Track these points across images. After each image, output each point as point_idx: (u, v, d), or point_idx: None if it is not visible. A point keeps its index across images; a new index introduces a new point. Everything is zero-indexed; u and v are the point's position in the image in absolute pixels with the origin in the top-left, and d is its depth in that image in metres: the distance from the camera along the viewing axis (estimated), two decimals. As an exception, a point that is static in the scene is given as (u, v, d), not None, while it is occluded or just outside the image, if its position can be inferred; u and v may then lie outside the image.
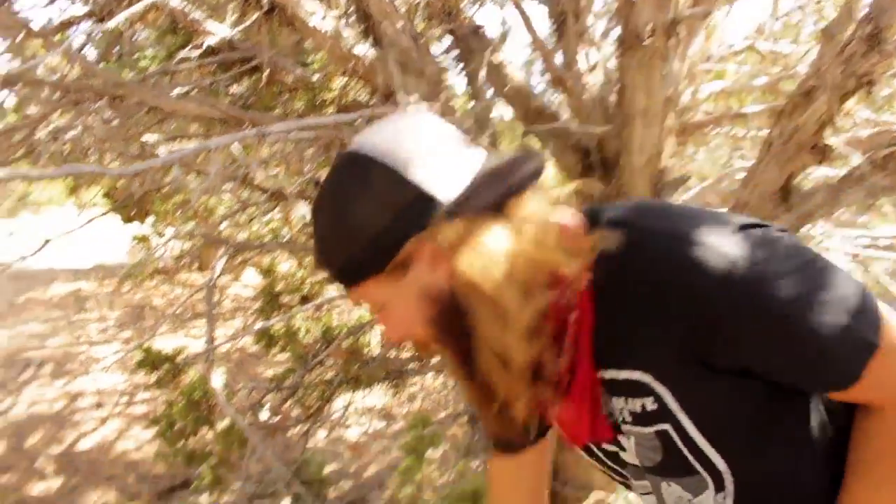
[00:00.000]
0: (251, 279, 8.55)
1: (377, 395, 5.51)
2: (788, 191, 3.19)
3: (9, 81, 2.63)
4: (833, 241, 3.90)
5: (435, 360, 3.80)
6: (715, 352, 0.89)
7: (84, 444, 5.49)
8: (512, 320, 0.92)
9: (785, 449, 0.98)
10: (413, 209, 0.91)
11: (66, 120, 3.78)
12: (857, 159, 2.97)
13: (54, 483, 4.99)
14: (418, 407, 5.05)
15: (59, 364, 6.69)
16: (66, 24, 4.11)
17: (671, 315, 0.88)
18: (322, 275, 0.95)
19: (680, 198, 3.57)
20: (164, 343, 6.78)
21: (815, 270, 0.88)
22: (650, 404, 0.96)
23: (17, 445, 5.40)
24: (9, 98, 4.78)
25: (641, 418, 0.98)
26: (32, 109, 4.12)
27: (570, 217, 0.98)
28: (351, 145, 0.97)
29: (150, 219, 7.25)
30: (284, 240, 3.99)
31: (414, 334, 1.03)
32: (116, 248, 10.01)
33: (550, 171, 0.99)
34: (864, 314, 0.88)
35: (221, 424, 3.78)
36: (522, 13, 3.21)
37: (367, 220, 0.93)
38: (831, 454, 0.99)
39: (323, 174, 4.07)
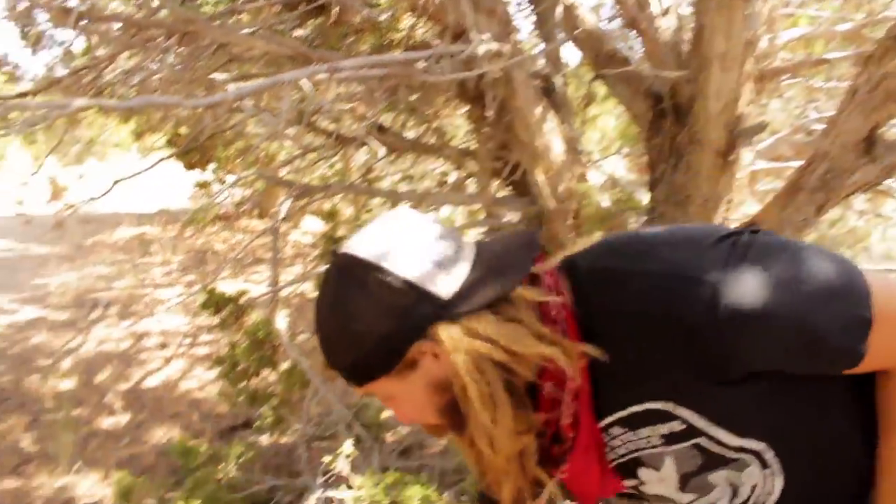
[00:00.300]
0: (311, 226, 8.63)
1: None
2: (873, 141, 3.03)
3: (80, 16, 2.64)
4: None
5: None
6: (727, 370, 0.92)
7: (150, 382, 5.66)
8: (501, 419, 0.98)
9: (819, 415, 1.02)
10: (414, 311, 0.95)
11: (135, 61, 3.80)
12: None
13: (122, 418, 5.16)
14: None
15: (125, 305, 6.88)
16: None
17: (675, 349, 0.92)
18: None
19: (754, 149, 3.43)
20: (226, 287, 6.92)
21: (794, 265, 0.91)
22: (678, 426, 1.00)
23: (88, 381, 5.60)
24: (78, 40, 4.84)
25: (673, 438, 1.01)
26: (101, 52, 4.16)
27: (550, 279, 1.02)
28: (343, 248, 1.00)
29: (212, 165, 7.33)
30: (345, 184, 3.98)
31: (424, 420, 1.08)
32: (179, 194, 10.19)
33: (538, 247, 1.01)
34: (852, 292, 0.91)
35: (284, 366, 3.83)
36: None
37: (371, 327, 0.96)
38: (864, 412, 1.03)
39: (384, 119, 4.07)
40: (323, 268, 3.99)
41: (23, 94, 4.39)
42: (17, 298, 7.08)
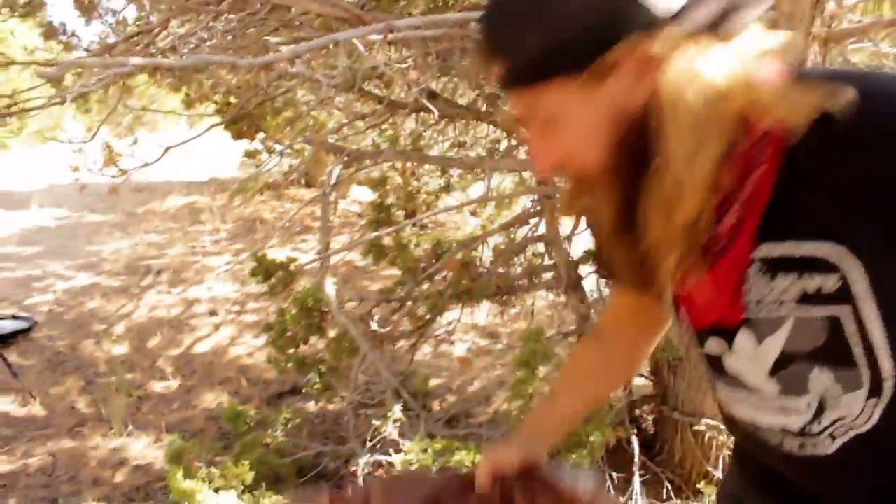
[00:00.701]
0: (358, 195, 8.66)
1: (482, 314, 5.51)
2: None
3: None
4: None
5: (546, 277, 3.73)
6: None
7: (200, 348, 5.75)
8: (703, 155, 0.81)
9: None
10: (628, 11, 0.78)
11: (187, 28, 3.81)
12: None
13: (173, 383, 5.26)
14: (525, 327, 5.03)
15: (175, 272, 6.99)
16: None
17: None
18: (490, 78, 0.84)
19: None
20: (275, 255, 6.98)
21: None
22: (831, 283, 0.84)
23: (140, 346, 5.71)
24: (130, 8, 4.87)
25: (812, 299, 0.87)
26: (153, 19, 4.18)
27: (776, 70, 0.85)
28: None
29: (260, 135, 7.37)
30: (396, 150, 3.95)
31: (571, 161, 0.90)
32: (228, 163, 10.30)
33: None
34: None
35: (332, 333, 3.84)
36: None
37: (578, 10, 0.79)
38: None
39: (435, 85, 4.01)
40: (372, 235, 4.00)
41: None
42: (73, 265, 7.25)
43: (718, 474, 3.35)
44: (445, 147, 4.84)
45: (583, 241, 3.92)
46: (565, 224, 3.75)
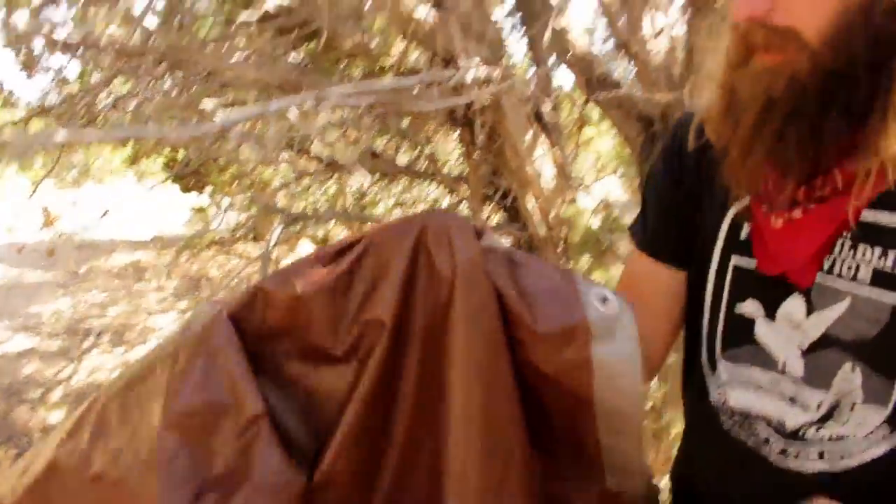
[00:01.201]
0: (307, 250, 8.61)
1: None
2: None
3: (71, 46, 2.64)
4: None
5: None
6: None
7: (143, 411, 5.59)
8: None
9: None
10: None
11: (127, 88, 3.80)
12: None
13: (114, 447, 5.09)
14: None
15: (118, 333, 6.83)
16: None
17: None
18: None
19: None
20: (221, 313, 6.86)
21: None
22: None
23: (79, 410, 5.53)
24: (71, 66, 4.85)
25: (889, 281, 0.82)
26: (94, 78, 4.17)
27: None
28: None
29: (208, 189, 7.33)
30: (339, 210, 3.97)
31: (779, 17, 0.78)
32: (175, 218, 10.18)
33: None
34: None
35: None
36: (587, -24, 3.09)
37: None
38: None
39: (377, 144, 4.07)
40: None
41: (17, 122, 4.39)
42: (10, 326, 7.03)
43: None
44: (389, 204, 4.88)
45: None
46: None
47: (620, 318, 0.86)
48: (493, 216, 3.53)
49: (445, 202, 4.36)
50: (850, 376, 0.86)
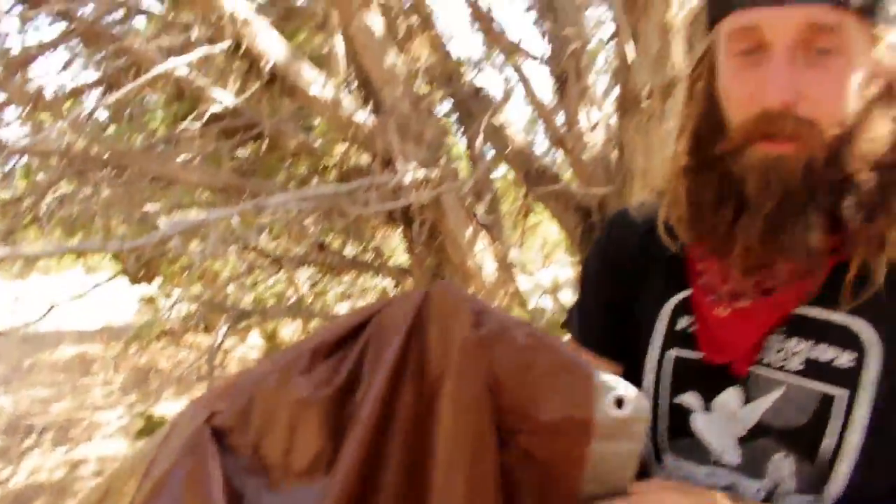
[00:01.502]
0: (257, 340, 8.51)
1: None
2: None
3: (18, 151, 2.67)
4: None
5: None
6: None
7: (85, 513, 5.38)
8: None
9: None
10: None
11: (73, 188, 3.81)
12: None
13: (54, 554, 4.89)
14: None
15: (62, 430, 6.62)
16: (77, 92, 4.20)
17: None
18: None
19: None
20: (169, 407, 6.71)
21: None
22: (845, 360, 0.84)
23: (17, 515, 5.31)
24: (17, 165, 4.84)
25: (817, 371, 0.86)
26: (41, 176, 4.17)
27: None
28: None
29: (157, 280, 7.26)
30: (288, 303, 3.97)
31: (811, 103, 0.80)
32: (124, 309, 10.00)
33: None
34: None
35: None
36: (522, 75, 3.23)
37: None
38: None
39: (322, 240, 4.13)
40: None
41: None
42: (-53, 426, 6.77)
43: None
44: (339, 294, 4.89)
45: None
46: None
47: (631, 423, 0.82)
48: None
49: (393, 293, 4.39)
50: (781, 464, 0.88)
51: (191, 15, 3.68)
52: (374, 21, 2.62)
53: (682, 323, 0.96)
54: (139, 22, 4.41)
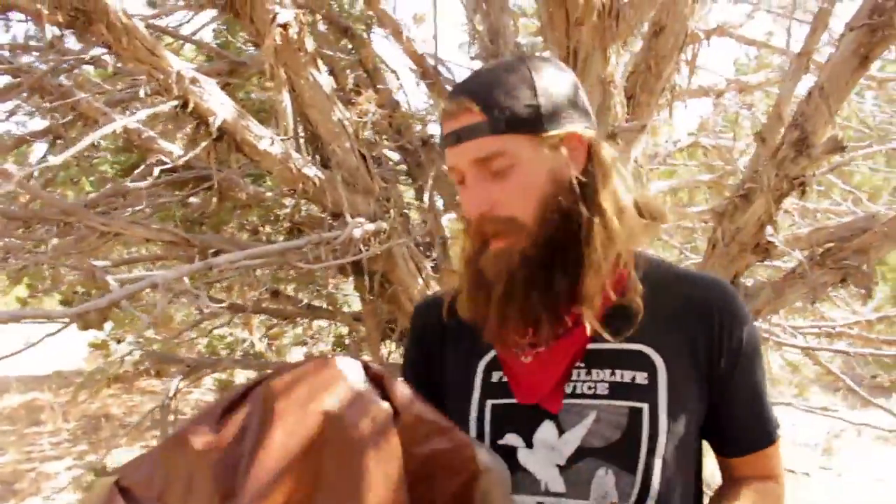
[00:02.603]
0: (212, 385, 8.39)
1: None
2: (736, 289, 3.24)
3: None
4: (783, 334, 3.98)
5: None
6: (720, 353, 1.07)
7: (33, 571, 5.23)
8: (625, 218, 1.05)
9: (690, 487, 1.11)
10: (581, 106, 1.08)
11: (19, 240, 3.76)
12: (798, 256, 3.07)
13: None
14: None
15: (6, 483, 6.42)
16: (22, 141, 4.15)
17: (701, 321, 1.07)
18: (461, 117, 0.93)
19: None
20: (122, 457, 6.56)
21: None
22: (641, 378, 1.04)
23: (-38, 575, 5.13)
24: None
25: (623, 391, 1.04)
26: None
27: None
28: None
29: (108, 325, 7.13)
30: (239, 355, 3.95)
31: (505, 207, 1.03)
32: (73, 354, 9.78)
33: None
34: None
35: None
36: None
37: (554, 92, 1.05)
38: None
39: (276, 287, 4.14)
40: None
41: None
42: None
43: None
44: (290, 342, 4.88)
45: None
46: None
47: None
48: (392, 353, 3.60)
49: (347, 340, 4.41)
50: (604, 480, 1.02)
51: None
52: (321, 77, 2.67)
53: (495, 377, 1.14)
54: (86, 68, 4.40)
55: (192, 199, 3.93)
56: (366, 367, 0.99)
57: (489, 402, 1.13)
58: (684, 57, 3.47)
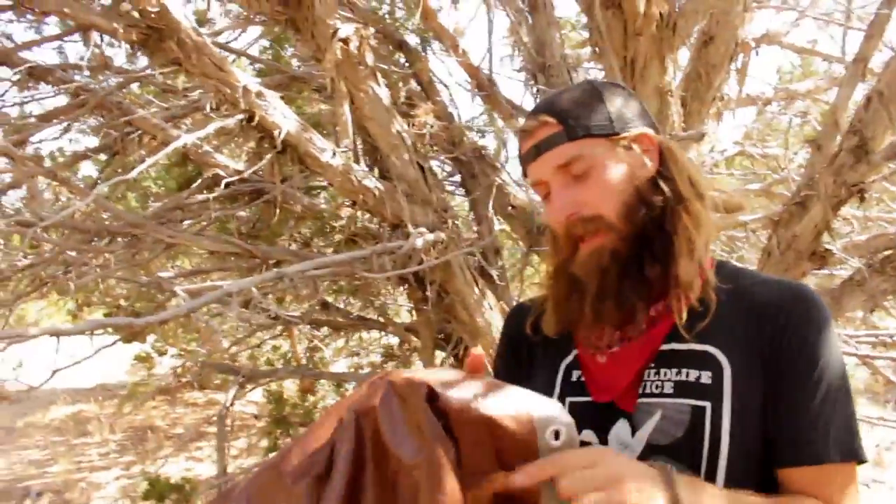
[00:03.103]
0: (255, 396, 8.47)
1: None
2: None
3: (26, 224, 2.71)
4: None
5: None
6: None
7: (85, 580, 5.31)
8: (707, 223, 1.09)
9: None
10: (646, 117, 1.15)
11: (79, 255, 3.84)
12: (855, 263, 3.03)
13: None
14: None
15: (58, 493, 6.53)
16: (82, 157, 4.25)
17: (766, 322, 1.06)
18: (538, 132, 1.00)
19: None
20: (168, 468, 6.65)
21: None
22: (706, 378, 1.05)
23: (16, 583, 5.22)
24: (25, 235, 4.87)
25: (687, 390, 1.05)
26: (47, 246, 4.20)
27: None
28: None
29: (151, 338, 7.24)
30: (291, 368, 3.99)
31: (591, 209, 1.09)
32: (118, 367, 9.93)
33: None
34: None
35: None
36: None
37: (621, 103, 1.13)
38: None
39: (325, 298, 4.17)
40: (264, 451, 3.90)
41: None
42: (-59, 493, 6.67)
43: None
44: (340, 356, 4.91)
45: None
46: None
47: (567, 448, 0.94)
48: (444, 362, 3.61)
49: (397, 351, 4.43)
50: None
51: (190, 80, 3.77)
52: (380, 90, 2.71)
53: (575, 376, 1.18)
54: (137, 84, 4.49)
55: (242, 213, 4.00)
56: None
57: (568, 400, 1.17)
58: (734, 65, 3.47)
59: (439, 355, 3.64)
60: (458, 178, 3.45)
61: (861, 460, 1.02)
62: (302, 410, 4.21)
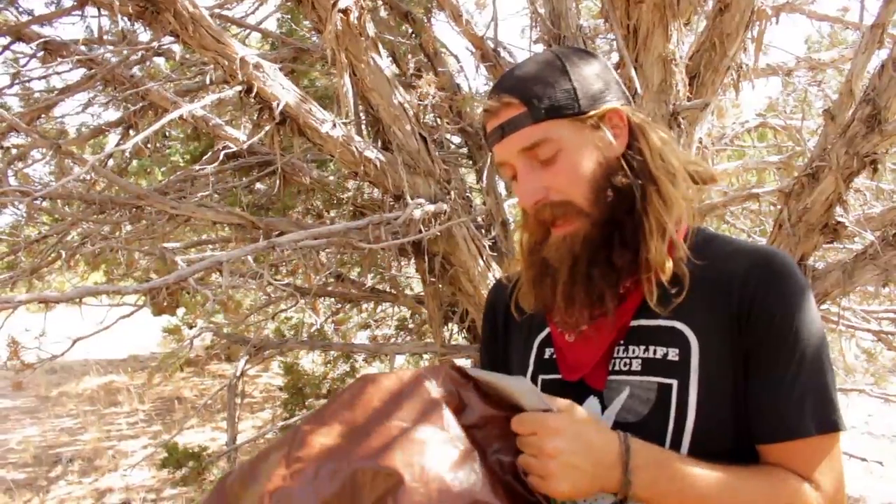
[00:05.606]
0: (279, 369, 8.60)
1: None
2: (803, 271, 3.16)
3: (43, 196, 2.76)
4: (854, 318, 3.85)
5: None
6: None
7: (112, 543, 5.46)
8: (677, 202, 1.07)
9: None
10: (615, 88, 1.11)
11: (94, 226, 3.92)
12: (869, 236, 2.97)
13: (82, 584, 4.95)
14: None
15: (88, 460, 6.71)
16: (98, 132, 4.32)
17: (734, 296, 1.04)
18: (501, 113, 0.96)
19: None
20: (193, 437, 6.80)
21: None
22: (672, 355, 1.05)
23: (46, 546, 5.39)
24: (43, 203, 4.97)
25: (654, 367, 1.05)
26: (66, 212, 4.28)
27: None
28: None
29: (181, 311, 7.36)
30: (307, 334, 4.04)
31: (559, 192, 1.07)
32: (148, 339, 10.14)
33: None
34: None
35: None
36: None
37: (588, 76, 1.09)
38: None
39: (340, 271, 4.22)
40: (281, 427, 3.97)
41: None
42: (-24, 458, 6.89)
43: None
44: (359, 322, 4.95)
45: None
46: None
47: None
48: (454, 335, 3.62)
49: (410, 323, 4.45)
50: None
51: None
52: (381, 61, 2.70)
53: (547, 353, 1.19)
54: (156, 60, 4.54)
55: (259, 186, 4.04)
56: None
57: (540, 378, 1.18)
58: (750, 34, 3.39)
59: (449, 327, 3.66)
60: (465, 150, 3.43)
61: (838, 430, 1.00)
62: (315, 381, 4.27)
